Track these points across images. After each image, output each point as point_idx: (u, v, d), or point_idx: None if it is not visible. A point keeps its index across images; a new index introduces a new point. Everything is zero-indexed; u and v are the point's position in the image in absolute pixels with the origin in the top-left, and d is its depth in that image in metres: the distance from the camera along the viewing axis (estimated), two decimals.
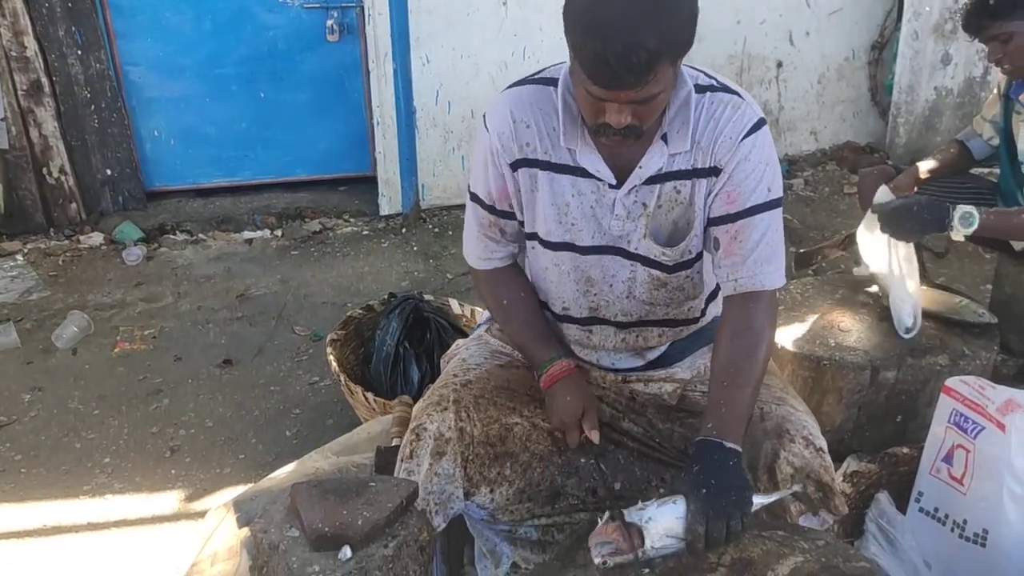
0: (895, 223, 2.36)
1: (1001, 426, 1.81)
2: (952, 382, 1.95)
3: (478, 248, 1.85)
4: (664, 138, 1.60)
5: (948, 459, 1.94)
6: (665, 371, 1.86)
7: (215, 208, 4.60)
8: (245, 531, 1.84)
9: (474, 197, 1.81)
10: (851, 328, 2.47)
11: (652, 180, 1.63)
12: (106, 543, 2.37)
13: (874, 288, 2.65)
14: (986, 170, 3.29)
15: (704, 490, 1.44)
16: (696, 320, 1.87)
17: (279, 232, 4.45)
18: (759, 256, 1.62)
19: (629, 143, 1.53)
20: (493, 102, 1.71)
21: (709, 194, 1.64)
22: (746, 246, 1.62)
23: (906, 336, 2.34)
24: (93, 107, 4.25)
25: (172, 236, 4.37)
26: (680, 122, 1.60)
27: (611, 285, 1.75)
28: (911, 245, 2.40)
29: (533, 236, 1.77)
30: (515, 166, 1.70)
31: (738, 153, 1.59)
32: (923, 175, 2.78)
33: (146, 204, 4.53)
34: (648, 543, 1.39)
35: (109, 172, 4.39)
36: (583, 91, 1.47)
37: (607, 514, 1.43)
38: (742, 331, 1.63)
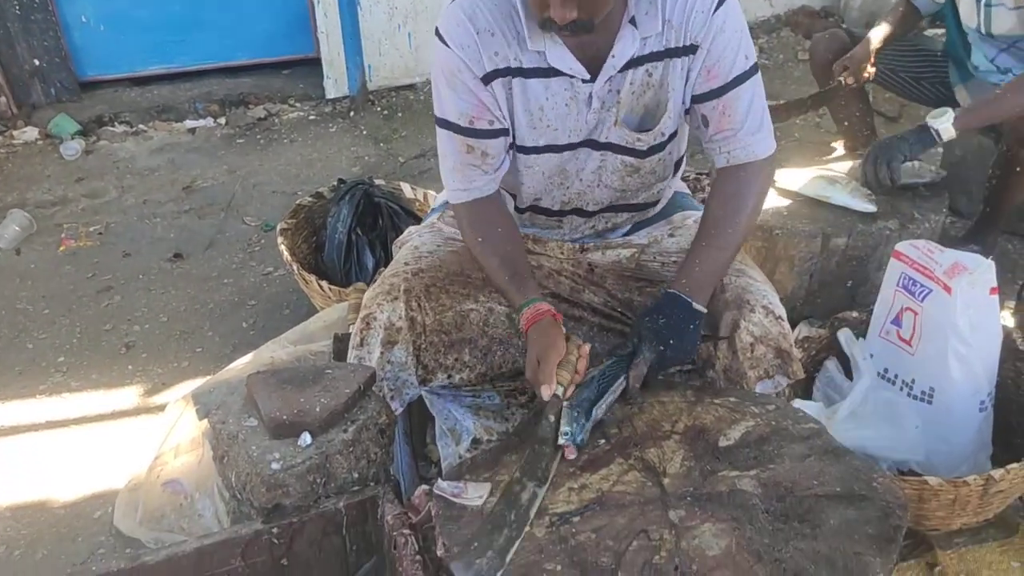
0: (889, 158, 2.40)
1: (948, 288, 1.84)
2: (902, 246, 1.97)
3: (458, 179, 1.70)
4: (633, 21, 1.54)
5: (897, 321, 1.98)
6: (623, 239, 1.87)
7: (154, 97, 4.41)
8: (205, 423, 1.84)
9: (445, 124, 1.66)
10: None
11: (626, 68, 1.58)
12: (67, 440, 2.37)
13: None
14: (940, 31, 3.25)
15: (663, 347, 1.51)
16: (659, 201, 1.88)
17: (223, 120, 4.30)
18: (749, 126, 1.62)
19: (584, 35, 1.47)
20: (446, 16, 1.59)
21: (688, 72, 1.61)
22: (736, 119, 1.61)
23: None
24: None
25: (111, 128, 4.20)
26: (648, 2, 1.54)
27: (580, 178, 1.73)
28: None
29: (511, 144, 1.70)
30: (487, 79, 1.59)
31: (712, 27, 1.56)
32: (876, 44, 2.74)
33: (80, 95, 4.33)
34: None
35: (37, 62, 4.17)
36: None
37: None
38: (731, 196, 1.65)
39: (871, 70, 2.72)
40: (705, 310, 1.59)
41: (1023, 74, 2.44)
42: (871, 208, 2.36)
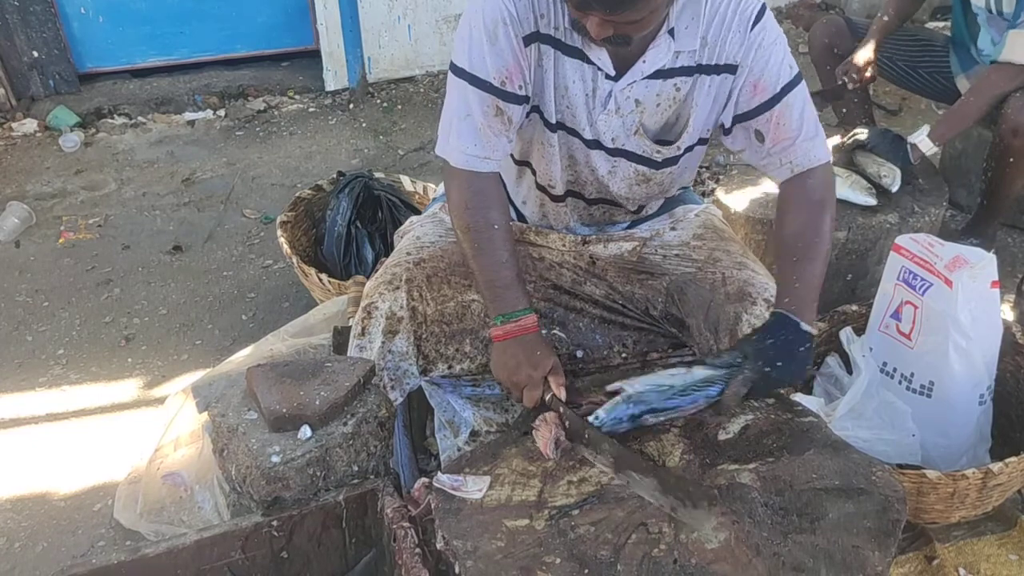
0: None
1: (948, 282, 1.84)
2: (902, 240, 1.98)
3: (477, 144, 1.57)
4: (671, 33, 1.51)
5: (897, 315, 1.98)
6: (624, 232, 1.86)
7: (153, 89, 4.39)
8: (205, 416, 1.85)
9: (475, 80, 1.53)
10: None
11: (654, 76, 1.55)
12: (66, 433, 2.37)
13: None
14: (941, 24, 3.25)
15: (768, 369, 1.41)
16: (652, 207, 1.87)
17: (222, 112, 4.29)
18: (806, 132, 1.58)
19: (621, 48, 1.45)
20: None
21: (730, 92, 1.58)
22: (791, 127, 1.58)
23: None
24: None
25: (110, 120, 4.18)
26: (689, 16, 1.51)
27: (592, 169, 1.70)
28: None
29: (535, 110, 1.63)
30: (528, 40, 1.52)
31: (751, 45, 1.53)
32: (876, 44, 2.75)
33: (79, 87, 4.31)
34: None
35: (36, 54, 4.15)
36: None
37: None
38: (805, 205, 1.59)
39: (870, 73, 2.72)
40: (815, 331, 1.49)
41: (983, 77, 2.48)
42: (871, 201, 2.36)
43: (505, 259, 1.58)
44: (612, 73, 1.54)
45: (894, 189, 2.42)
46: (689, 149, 1.69)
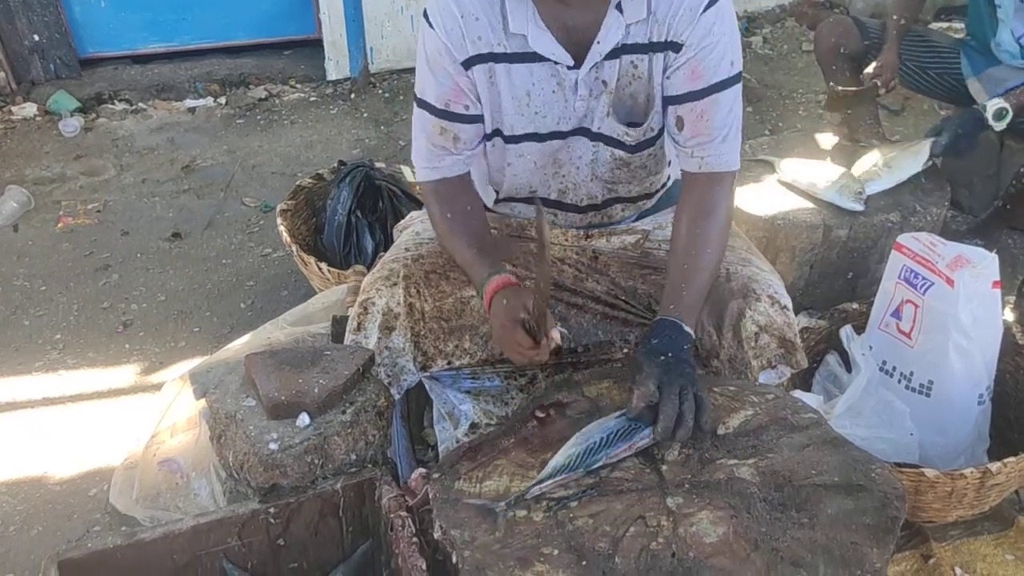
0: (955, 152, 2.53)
1: (950, 281, 1.84)
2: (904, 239, 1.97)
3: (426, 157, 1.70)
4: (619, 7, 1.51)
5: (897, 314, 1.98)
6: (627, 225, 1.85)
7: (154, 75, 4.38)
8: (202, 402, 1.84)
9: (422, 103, 1.66)
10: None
11: (611, 55, 1.55)
12: (63, 418, 2.36)
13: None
14: (945, 25, 3.25)
15: (662, 357, 1.42)
16: (658, 191, 1.85)
17: (223, 100, 4.28)
18: (727, 135, 1.57)
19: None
20: None
21: (666, 69, 1.57)
22: (713, 124, 1.56)
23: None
24: None
25: (110, 106, 4.17)
26: None
27: (577, 167, 1.70)
28: None
29: (495, 133, 1.67)
30: (468, 64, 1.58)
31: (700, 27, 1.51)
32: (900, 39, 2.74)
33: (80, 72, 4.30)
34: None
35: (37, 38, 4.14)
36: None
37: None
38: (705, 214, 1.58)
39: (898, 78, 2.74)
40: (694, 333, 1.51)
41: None
42: (857, 207, 2.35)
43: (465, 242, 1.65)
44: (571, 63, 1.56)
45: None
46: (663, 130, 1.66)
